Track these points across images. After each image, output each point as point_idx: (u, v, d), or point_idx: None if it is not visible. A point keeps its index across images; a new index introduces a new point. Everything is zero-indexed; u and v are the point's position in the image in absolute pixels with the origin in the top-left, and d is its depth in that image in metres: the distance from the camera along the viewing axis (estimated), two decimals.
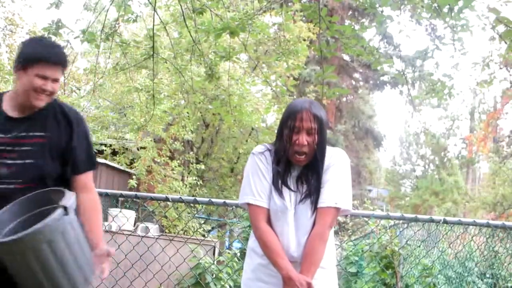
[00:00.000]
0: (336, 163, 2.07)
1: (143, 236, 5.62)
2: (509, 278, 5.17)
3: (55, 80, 2.04)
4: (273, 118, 12.35)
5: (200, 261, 5.08)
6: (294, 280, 1.90)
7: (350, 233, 11.68)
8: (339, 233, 12.28)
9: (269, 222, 2.07)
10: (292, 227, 2.04)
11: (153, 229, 6.88)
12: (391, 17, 4.09)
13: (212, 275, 5.13)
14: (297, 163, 2.06)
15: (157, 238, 5.71)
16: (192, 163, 10.57)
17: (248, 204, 2.07)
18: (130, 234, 5.29)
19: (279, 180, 2.06)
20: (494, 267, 5.57)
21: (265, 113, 9.85)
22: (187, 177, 10.16)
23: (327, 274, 2.11)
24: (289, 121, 2.03)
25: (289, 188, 2.06)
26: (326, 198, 2.02)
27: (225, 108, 5.85)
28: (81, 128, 2.15)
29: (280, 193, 2.05)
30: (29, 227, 1.69)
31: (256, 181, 2.08)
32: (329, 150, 2.10)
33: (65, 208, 1.77)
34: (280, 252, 1.99)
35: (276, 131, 2.17)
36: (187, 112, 10.14)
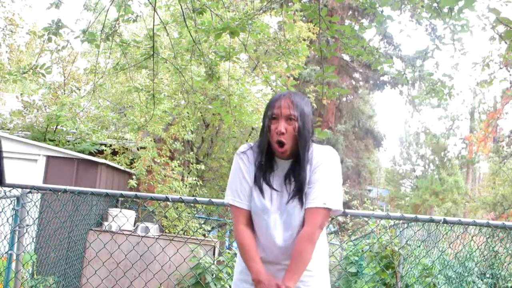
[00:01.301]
0: (325, 162, 1.99)
1: (143, 236, 5.63)
2: (509, 278, 5.17)
3: None
4: None
5: (200, 261, 5.09)
6: (264, 283, 1.86)
7: (350, 233, 11.68)
8: (339, 233, 12.28)
9: (251, 223, 2.03)
10: (277, 228, 1.98)
11: (153, 229, 6.88)
12: (391, 17, 4.10)
13: (212, 275, 5.13)
14: (280, 154, 1.98)
15: (157, 238, 5.72)
16: (192, 163, 10.58)
17: (230, 204, 2.05)
18: (130, 234, 5.30)
19: (261, 178, 2.00)
20: (494, 267, 5.57)
21: None
22: (187, 177, 10.16)
23: (317, 278, 2.04)
24: (269, 111, 1.99)
25: (272, 187, 2.00)
26: (315, 198, 1.93)
27: (225, 108, 5.84)
28: None
29: (261, 193, 1.99)
30: None
31: (236, 182, 2.04)
32: (318, 148, 2.03)
33: None
34: (252, 254, 1.94)
35: None
36: (187, 112, 10.14)
